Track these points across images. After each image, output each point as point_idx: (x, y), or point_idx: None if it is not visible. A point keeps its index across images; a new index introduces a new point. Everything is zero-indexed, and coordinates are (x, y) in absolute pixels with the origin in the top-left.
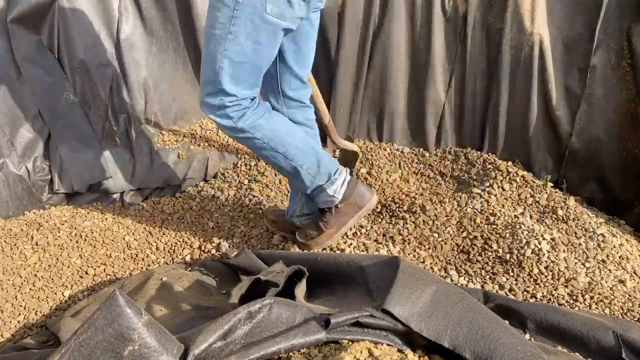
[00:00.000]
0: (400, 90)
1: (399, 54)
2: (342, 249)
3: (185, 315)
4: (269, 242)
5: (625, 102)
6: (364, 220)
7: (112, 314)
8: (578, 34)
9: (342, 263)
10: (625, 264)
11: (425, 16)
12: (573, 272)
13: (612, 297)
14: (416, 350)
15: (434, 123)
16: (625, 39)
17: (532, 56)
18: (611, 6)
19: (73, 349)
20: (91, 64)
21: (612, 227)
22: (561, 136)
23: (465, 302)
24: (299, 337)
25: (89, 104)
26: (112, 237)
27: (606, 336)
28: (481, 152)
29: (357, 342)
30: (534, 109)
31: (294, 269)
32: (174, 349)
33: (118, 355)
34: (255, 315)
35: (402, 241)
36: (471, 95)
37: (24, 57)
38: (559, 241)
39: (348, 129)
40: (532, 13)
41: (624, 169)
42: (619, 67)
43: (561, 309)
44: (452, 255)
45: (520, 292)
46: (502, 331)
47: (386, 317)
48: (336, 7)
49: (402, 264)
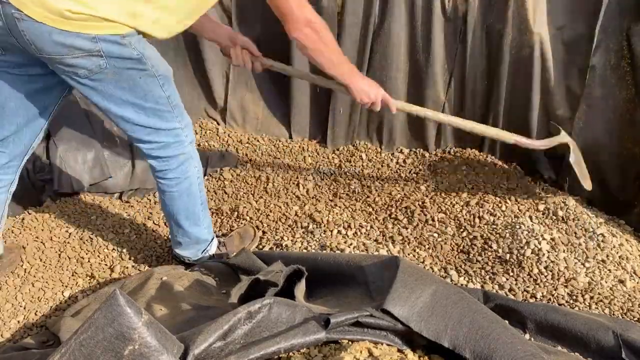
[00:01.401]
0: (400, 90)
1: (399, 54)
2: (342, 249)
3: (185, 315)
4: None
5: (624, 102)
6: (363, 220)
7: (113, 314)
8: (578, 34)
9: (342, 263)
10: (625, 264)
11: (425, 16)
12: (573, 272)
13: (612, 297)
14: (416, 350)
15: (433, 123)
16: (624, 39)
17: (532, 56)
18: (611, 6)
19: (73, 349)
20: None
21: (612, 227)
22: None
23: (465, 302)
24: (299, 337)
25: (89, 104)
26: (112, 237)
27: (606, 336)
28: (481, 153)
29: (357, 342)
30: (534, 108)
31: (293, 268)
32: (174, 348)
33: (118, 354)
34: (255, 315)
35: (402, 241)
36: (471, 95)
37: None
38: (558, 241)
39: (348, 128)
40: (532, 13)
41: (624, 169)
42: (618, 67)
43: (561, 309)
44: (452, 255)
45: (520, 292)
46: (502, 331)
47: (386, 317)
48: (336, 7)
49: (402, 264)
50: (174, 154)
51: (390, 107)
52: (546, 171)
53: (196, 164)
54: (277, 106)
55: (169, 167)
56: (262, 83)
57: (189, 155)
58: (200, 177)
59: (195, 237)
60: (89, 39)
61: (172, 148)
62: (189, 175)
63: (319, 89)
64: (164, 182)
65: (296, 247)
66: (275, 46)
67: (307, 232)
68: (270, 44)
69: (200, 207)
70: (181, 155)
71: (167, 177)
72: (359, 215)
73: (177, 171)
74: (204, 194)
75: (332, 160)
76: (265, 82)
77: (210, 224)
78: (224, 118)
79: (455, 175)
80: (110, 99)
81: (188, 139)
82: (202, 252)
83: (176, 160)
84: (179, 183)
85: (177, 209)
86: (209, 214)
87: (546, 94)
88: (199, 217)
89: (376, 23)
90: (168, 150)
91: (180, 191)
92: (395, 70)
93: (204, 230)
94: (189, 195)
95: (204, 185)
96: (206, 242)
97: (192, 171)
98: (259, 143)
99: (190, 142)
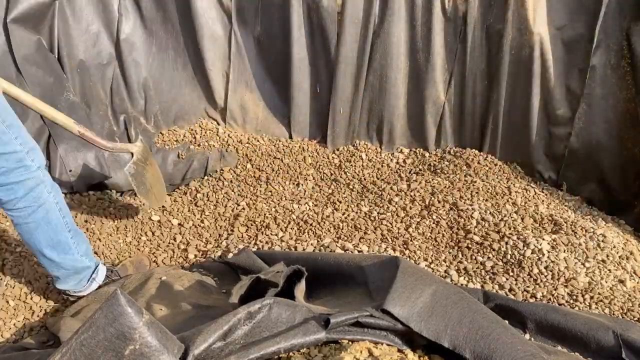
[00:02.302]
0: (400, 90)
1: (399, 54)
2: (342, 249)
3: (186, 315)
4: None
5: (624, 102)
6: (363, 220)
7: (114, 314)
8: (578, 34)
9: (342, 263)
10: (625, 264)
11: (425, 16)
12: (573, 272)
13: (612, 297)
14: (416, 350)
15: (433, 123)
16: (625, 39)
17: (532, 56)
18: (611, 6)
19: (74, 348)
20: (91, 64)
21: (612, 227)
22: (561, 136)
23: (465, 302)
24: (299, 337)
25: (89, 104)
26: (112, 236)
27: (606, 336)
28: (481, 152)
29: (357, 342)
30: (534, 109)
31: (293, 269)
32: (174, 348)
33: (119, 354)
34: (255, 315)
35: (401, 241)
36: (471, 95)
37: (24, 57)
38: (559, 241)
39: (348, 128)
40: (532, 13)
41: (624, 169)
42: (618, 67)
43: (561, 309)
44: (452, 255)
45: (520, 292)
46: (502, 331)
47: (386, 317)
48: (336, 6)
49: (402, 264)
50: (18, 180)
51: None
52: (546, 171)
53: (50, 189)
54: (277, 106)
55: (15, 196)
56: (262, 83)
57: (39, 180)
58: (60, 201)
59: (71, 266)
60: None
61: (16, 174)
62: (42, 202)
63: (319, 89)
64: (15, 214)
65: (296, 247)
66: (275, 46)
67: (307, 232)
68: (271, 43)
69: (67, 234)
70: (28, 180)
71: (17, 208)
72: (359, 215)
73: (27, 199)
74: (69, 220)
75: (332, 160)
76: (266, 82)
77: (89, 250)
78: (224, 118)
79: (455, 175)
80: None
81: (35, 164)
82: (89, 281)
83: (23, 187)
84: (33, 212)
85: (38, 241)
86: (85, 239)
87: (546, 94)
88: (68, 245)
89: (376, 23)
90: (11, 176)
91: (37, 221)
92: (396, 70)
93: (79, 258)
94: (47, 223)
95: (68, 210)
96: (87, 269)
97: (46, 197)
98: (259, 143)
99: (39, 167)
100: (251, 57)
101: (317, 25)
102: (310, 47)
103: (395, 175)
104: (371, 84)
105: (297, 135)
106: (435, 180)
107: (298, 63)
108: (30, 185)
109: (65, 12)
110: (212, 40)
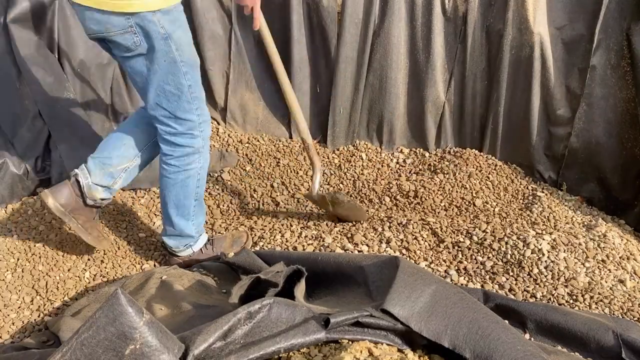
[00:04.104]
0: (400, 90)
1: (399, 54)
2: (342, 248)
3: (186, 314)
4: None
5: (624, 102)
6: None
7: (114, 313)
8: (578, 34)
9: (342, 263)
10: (625, 264)
11: (425, 16)
12: (573, 272)
13: (612, 297)
14: (416, 350)
15: (433, 123)
16: (625, 39)
17: (532, 56)
18: (611, 6)
19: (74, 348)
20: (91, 64)
21: (612, 227)
22: (561, 136)
23: (465, 302)
24: (299, 337)
25: (89, 104)
26: (112, 236)
27: (606, 336)
28: (481, 153)
29: (357, 342)
30: (534, 109)
31: (293, 268)
32: (174, 348)
33: (119, 354)
34: (255, 315)
35: (401, 241)
36: (471, 95)
37: (24, 57)
38: (559, 241)
39: (348, 128)
40: (532, 13)
41: (624, 169)
42: (618, 67)
43: (561, 309)
44: (451, 255)
45: (520, 291)
46: (501, 331)
47: (386, 317)
48: (336, 6)
49: (401, 263)
50: (182, 144)
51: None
52: (546, 171)
53: (202, 161)
54: (277, 106)
55: (173, 154)
56: (263, 83)
57: (196, 150)
58: (203, 174)
59: (180, 229)
60: (122, 16)
61: (183, 138)
62: (189, 169)
63: (319, 89)
64: (164, 167)
65: (296, 247)
66: (275, 46)
67: (307, 232)
68: None
69: (192, 202)
70: (189, 147)
71: (168, 163)
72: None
73: (179, 161)
74: (201, 192)
75: (332, 160)
76: (266, 82)
77: (201, 223)
78: (224, 118)
79: (455, 176)
80: (138, 75)
81: (202, 135)
82: (185, 246)
83: (182, 151)
84: (177, 172)
85: (169, 196)
86: (204, 213)
87: (546, 94)
88: (188, 212)
89: (376, 23)
90: (178, 138)
91: (176, 180)
92: (395, 70)
93: (190, 226)
94: (183, 187)
95: (204, 184)
96: (190, 237)
97: (194, 166)
98: (259, 143)
99: (203, 138)
100: (251, 57)
101: (317, 25)
102: (310, 47)
103: (396, 175)
104: (371, 84)
105: (297, 135)
106: (435, 180)
107: (298, 63)
108: (187, 152)
109: (66, 12)
110: (212, 40)
